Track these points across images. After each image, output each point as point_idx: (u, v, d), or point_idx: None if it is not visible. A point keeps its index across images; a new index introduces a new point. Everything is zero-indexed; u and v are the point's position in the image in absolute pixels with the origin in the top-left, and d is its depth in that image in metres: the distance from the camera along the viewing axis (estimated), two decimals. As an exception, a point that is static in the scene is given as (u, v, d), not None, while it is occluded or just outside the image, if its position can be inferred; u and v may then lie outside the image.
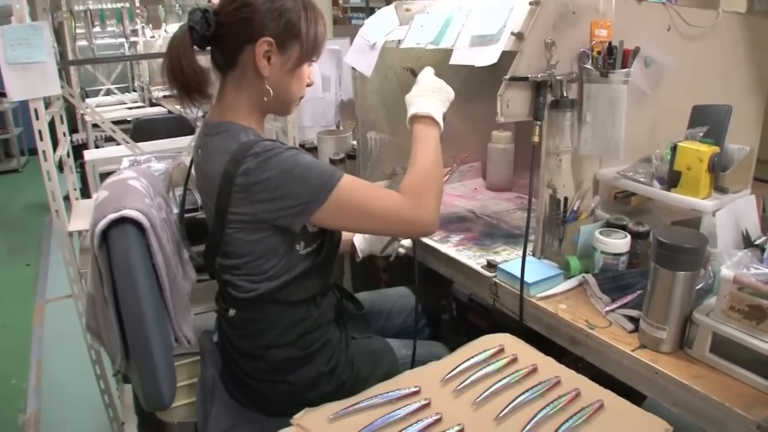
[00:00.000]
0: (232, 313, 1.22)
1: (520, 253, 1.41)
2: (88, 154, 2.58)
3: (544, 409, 0.90)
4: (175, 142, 2.57)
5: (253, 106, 1.16)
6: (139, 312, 1.05)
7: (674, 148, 1.15)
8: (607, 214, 1.31)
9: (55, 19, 3.46)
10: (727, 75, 1.51)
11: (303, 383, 1.21)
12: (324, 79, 2.29)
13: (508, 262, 1.31)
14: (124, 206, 1.05)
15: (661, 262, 0.94)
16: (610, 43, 1.17)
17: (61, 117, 1.81)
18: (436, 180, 1.14)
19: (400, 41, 1.51)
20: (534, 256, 1.33)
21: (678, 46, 1.35)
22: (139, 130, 3.52)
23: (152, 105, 4.62)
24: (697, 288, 0.98)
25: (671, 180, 1.17)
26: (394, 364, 1.34)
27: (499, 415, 0.90)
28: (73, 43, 3.92)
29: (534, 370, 1.01)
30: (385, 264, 2.14)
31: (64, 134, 1.84)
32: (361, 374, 1.26)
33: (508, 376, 0.99)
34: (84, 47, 4.43)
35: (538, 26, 1.16)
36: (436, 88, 1.26)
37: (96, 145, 4.04)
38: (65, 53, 3.54)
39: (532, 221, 1.26)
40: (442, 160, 1.98)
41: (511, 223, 1.64)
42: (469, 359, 1.05)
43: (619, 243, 1.18)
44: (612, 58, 1.17)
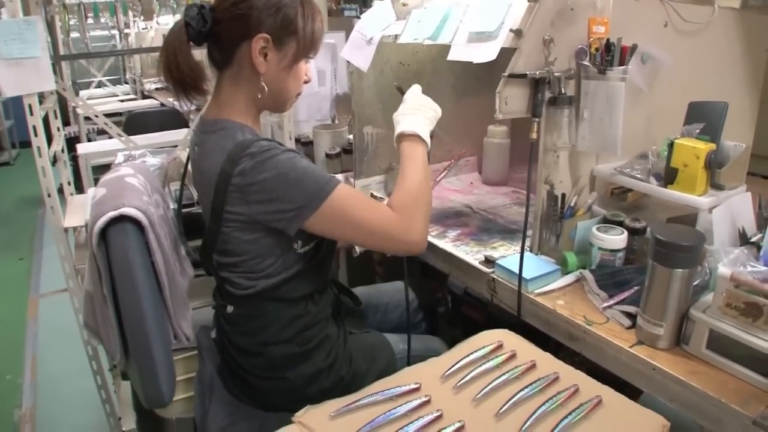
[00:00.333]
0: (230, 309, 1.22)
1: (518, 249, 1.42)
2: (81, 148, 2.57)
3: (543, 405, 0.91)
4: (169, 135, 2.56)
5: (250, 103, 1.15)
6: (139, 310, 1.05)
7: (671, 145, 1.16)
8: (603, 210, 1.32)
9: (48, 13, 3.42)
10: (722, 71, 1.51)
11: (302, 379, 1.21)
12: (319, 72, 2.29)
13: (506, 257, 1.31)
14: (123, 204, 1.04)
15: (659, 260, 0.94)
16: (608, 39, 1.17)
17: (55, 112, 1.79)
18: (424, 198, 1.14)
19: (397, 36, 1.51)
20: (531, 251, 1.34)
21: (674, 43, 1.35)
22: (132, 124, 3.50)
23: (144, 97, 4.59)
24: (693, 284, 0.99)
25: (668, 177, 1.18)
26: (392, 359, 1.34)
27: (499, 412, 0.91)
28: (66, 37, 3.87)
29: (533, 366, 1.02)
30: (381, 258, 2.15)
31: (59, 129, 1.82)
32: (359, 369, 1.27)
33: (507, 372, 1.00)
34: (76, 39, 4.39)
35: (537, 23, 1.16)
36: (423, 106, 1.26)
37: (88, 138, 4.01)
38: (57, 47, 3.50)
39: (530, 217, 1.26)
40: (438, 155, 2.02)
41: (507, 218, 1.65)
42: (468, 355, 1.05)
43: (616, 239, 1.19)
44: (610, 55, 1.17)
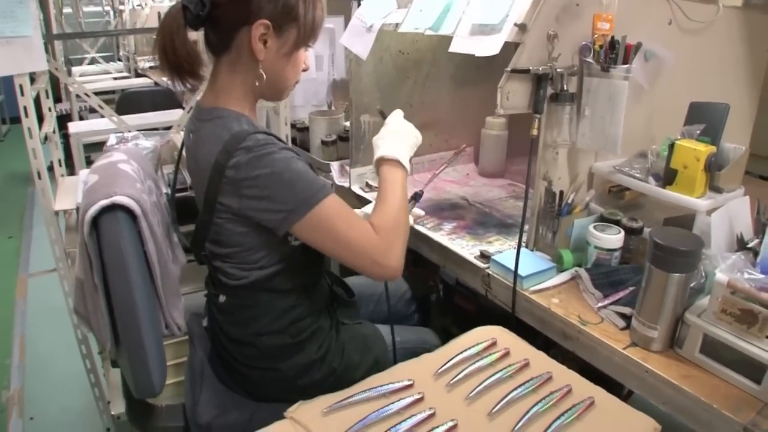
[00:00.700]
0: (222, 299, 1.21)
1: (513, 243, 1.42)
2: (73, 127, 2.53)
3: (536, 405, 0.91)
4: (163, 116, 2.53)
5: (247, 91, 1.13)
6: (130, 300, 1.04)
7: (671, 146, 1.15)
8: (601, 208, 1.31)
9: (41, -10, 3.34)
10: (723, 70, 1.50)
11: (294, 370, 1.21)
12: (317, 57, 2.25)
13: (502, 253, 1.31)
14: (115, 192, 1.02)
15: (656, 263, 0.94)
16: (612, 37, 1.16)
17: (47, 91, 1.76)
18: (404, 225, 1.13)
19: (397, 25, 1.48)
20: (527, 247, 1.33)
21: (677, 41, 1.34)
22: (126, 103, 3.46)
23: (138, 75, 4.52)
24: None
25: (667, 177, 1.17)
26: (384, 351, 1.34)
27: (492, 411, 0.91)
28: (59, 14, 3.79)
29: (526, 365, 1.02)
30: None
31: (50, 109, 1.78)
32: (351, 361, 1.27)
33: (501, 371, 0.99)
34: (69, 14, 4.30)
35: (542, 17, 1.14)
36: (404, 132, 1.25)
37: (80, 116, 3.95)
38: (50, 25, 3.42)
39: (527, 212, 1.25)
40: (436, 146, 2.00)
41: (503, 212, 1.64)
42: (461, 352, 1.05)
43: (613, 239, 1.18)
44: (614, 53, 1.15)
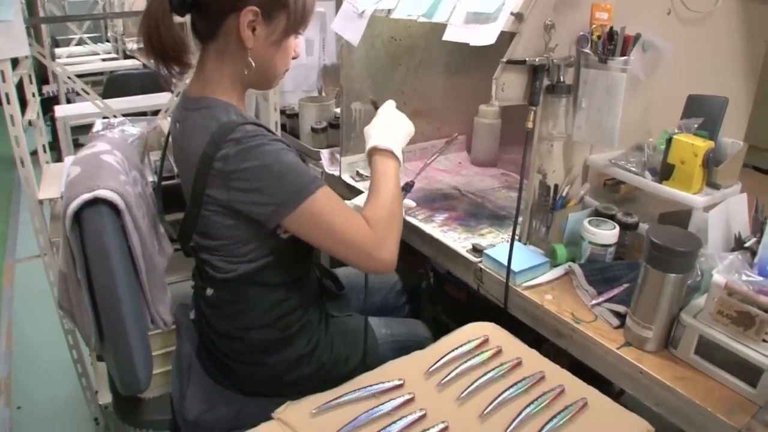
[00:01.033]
0: (209, 292, 1.18)
1: (506, 236, 1.40)
2: (60, 110, 2.47)
3: (528, 406, 0.90)
4: (151, 99, 2.47)
5: (235, 80, 1.09)
6: (115, 296, 1.01)
7: (669, 141, 1.13)
8: (595, 202, 1.29)
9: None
10: (720, 61, 1.48)
11: (282, 365, 1.19)
12: (307, 42, 2.21)
13: (495, 247, 1.29)
14: (98, 185, 0.99)
15: (653, 263, 0.92)
16: (611, 28, 1.12)
17: (30, 77, 1.70)
18: (397, 217, 1.11)
19: (390, 11, 1.44)
20: (520, 241, 1.31)
21: (676, 31, 1.31)
22: (113, 85, 3.39)
23: (126, 57, 4.43)
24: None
25: (664, 172, 1.15)
26: (374, 345, 1.32)
27: (484, 412, 0.90)
28: (43, -3, 3.69)
29: (519, 364, 1.00)
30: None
31: (33, 95, 1.73)
32: (340, 355, 1.25)
33: (493, 370, 0.98)
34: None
35: (539, 6, 1.10)
36: (396, 122, 1.23)
37: (68, 99, 3.88)
38: (35, 7, 3.32)
39: (520, 205, 1.23)
40: (427, 133, 1.97)
41: (496, 203, 1.62)
42: (453, 350, 1.03)
43: (608, 234, 1.16)
44: (612, 44, 1.13)
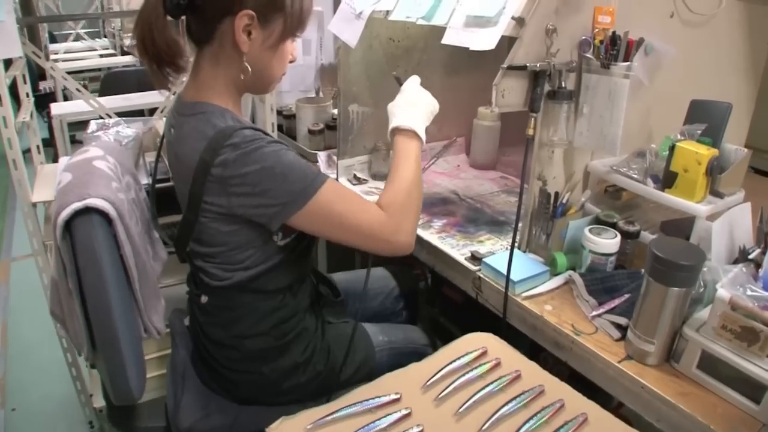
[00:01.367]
0: (204, 300, 1.17)
1: (505, 243, 1.38)
2: (56, 108, 2.44)
3: (527, 422, 0.88)
4: (147, 97, 2.44)
5: (230, 84, 1.07)
6: (106, 306, 0.99)
7: (672, 148, 1.10)
8: (596, 209, 1.27)
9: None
10: (722, 63, 1.46)
11: (278, 374, 1.18)
12: (304, 41, 2.18)
13: (494, 255, 1.27)
14: (89, 194, 0.97)
15: (655, 276, 0.90)
16: (614, 32, 1.10)
17: (24, 76, 1.67)
18: (416, 198, 1.09)
19: (388, 12, 1.42)
20: (519, 248, 1.29)
21: (678, 34, 1.29)
22: (110, 83, 3.36)
23: (124, 53, 4.40)
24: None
25: (666, 180, 1.13)
26: (371, 351, 1.31)
27: (482, 429, 0.88)
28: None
29: (518, 377, 0.99)
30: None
31: (27, 95, 1.70)
32: (336, 363, 1.23)
33: (492, 384, 0.96)
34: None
35: (540, 11, 1.08)
36: (421, 100, 1.20)
37: (65, 95, 3.84)
38: (31, 5, 3.26)
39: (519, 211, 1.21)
40: (426, 135, 1.94)
41: (495, 208, 1.60)
42: (450, 363, 1.01)
43: (609, 243, 1.14)
44: (615, 49, 1.10)
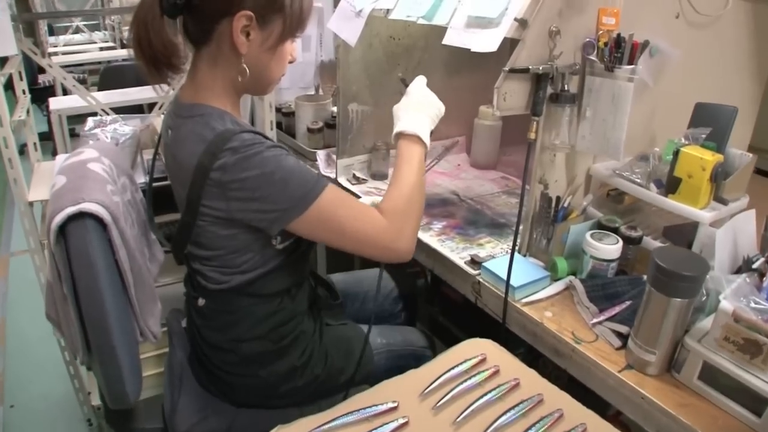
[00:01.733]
0: (201, 302, 1.15)
1: (505, 246, 1.37)
2: (54, 102, 2.42)
3: (526, 433, 0.87)
4: (146, 92, 2.42)
5: (228, 86, 1.06)
6: (102, 311, 0.98)
7: (676, 153, 1.09)
8: (598, 213, 1.26)
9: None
10: (727, 65, 1.43)
11: (275, 377, 1.17)
12: (304, 38, 2.15)
13: (494, 259, 1.25)
14: (83, 198, 0.96)
15: (657, 287, 0.89)
16: (618, 34, 1.08)
17: (20, 73, 1.65)
18: (418, 205, 1.07)
19: (388, 11, 1.40)
20: (519, 252, 1.28)
21: (684, 35, 1.27)
22: (109, 77, 3.34)
23: (123, 46, 4.37)
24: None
25: (670, 185, 1.11)
26: (369, 354, 1.30)
27: (480, 439, 0.87)
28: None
29: (516, 386, 0.97)
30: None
31: (24, 92, 1.69)
32: (334, 366, 1.23)
33: (490, 393, 0.95)
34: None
35: (544, 12, 1.06)
36: (426, 103, 1.18)
37: (64, 89, 3.82)
38: (28, 1, 3.22)
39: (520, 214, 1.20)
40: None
41: (495, 210, 1.58)
42: (449, 370, 1.00)
43: (611, 249, 1.13)
44: (619, 51, 1.08)
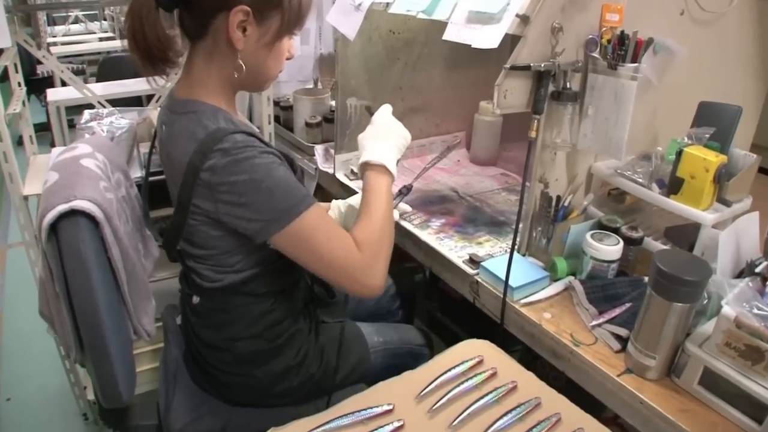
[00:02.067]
0: (195, 300, 1.14)
1: (504, 245, 1.35)
2: (52, 94, 2.40)
3: (523, 437, 0.86)
4: (144, 83, 2.39)
5: (224, 82, 1.04)
6: (94, 310, 0.96)
7: (679, 153, 1.07)
8: (599, 212, 1.24)
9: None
10: (731, 63, 1.41)
11: (270, 377, 1.16)
12: (303, 31, 2.10)
13: (493, 258, 1.24)
14: (75, 195, 0.94)
15: (658, 291, 0.87)
16: (622, 31, 1.06)
17: (15, 65, 1.63)
18: (388, 238, 1.06)
19: (388, 4, 1.37)
20: (518, 251, 1.26)
21: (688, 32, 1.25)
22: (107, 68, 3.32)
23: (123, 36, 4.34)
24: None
25: (672, 186, 1.09)
26: (365, 353, 1.28)
27: (476, 443, 0.86)
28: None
29: (514, 388, 0.96)
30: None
31: (20, 84, 1.66)
32: (330, 365, 1.21)
33: (487, 395, 0.93)
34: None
35: (546, 8, 1.04)
36: (392, 133, 1.16)
37: (62, 80, 3.79)
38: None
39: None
40: (426, 130, 1.91)
41: (495, 207, 1.56)
42: (446, 372, 0.99)
43: (611, 249, 1.11)
44: (623, 49, 1.06)
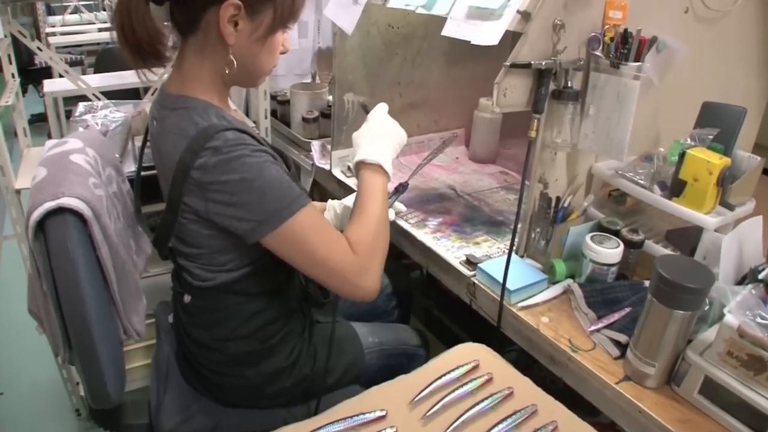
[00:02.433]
0: (187, 299, 1.12)
1: (502, 246, 1.33)
2: (48, 85, 2.37)
3: (518, 446, 0.84)
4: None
5: (216, 77, 1.01)
6: (82, 310, 0.94)
7: (682, 155, 1.05)
8: (599, 213, 1.22)
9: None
10: (735, 61, 1.39)
11: (262, 378, 1.14)
12: (301, 24, 2.09)
13: (490, 260, 1.22)
14: (63, 192, 0.92)
15: (659, 297, 0.85)
16: (625, 29, 1.03)
17: (9, 57, 1.60)
18: (383, 239, 1.04)
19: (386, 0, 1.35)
20: (516, 253, 1.24)
21: (692, 31, 1.22)
22: (105, 59, 3.29)
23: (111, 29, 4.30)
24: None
25: (674, 188, 1.07)
26: (359, 353, 1.27)
27: (470, 451, 0.84)
28: (24, -36, 3.52)
29: (510, 395, 0.94)
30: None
31: (13, 76, 1.63)
32: (323, 366, 1.19)
33: (483, 402, 0.92)
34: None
35: (548, 5, 1.01)
36: (388, 132, 1.14)
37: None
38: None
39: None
40: (424, 126, 1.88)
41: (493, 206, 1.54)
42: (441, 377, 0.97)
43: (611, 253, 1.09)
44: (626, 47, 1.04)
